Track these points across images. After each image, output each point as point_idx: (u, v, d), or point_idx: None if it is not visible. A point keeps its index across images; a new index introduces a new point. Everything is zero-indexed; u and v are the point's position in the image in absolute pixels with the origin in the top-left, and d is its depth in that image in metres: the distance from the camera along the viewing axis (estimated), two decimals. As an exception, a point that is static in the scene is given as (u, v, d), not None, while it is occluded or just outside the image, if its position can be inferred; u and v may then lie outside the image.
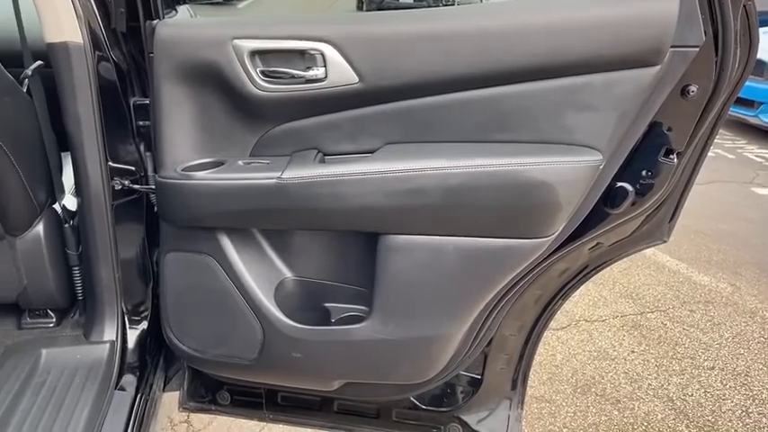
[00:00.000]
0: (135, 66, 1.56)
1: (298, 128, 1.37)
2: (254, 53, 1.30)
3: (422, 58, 1.23)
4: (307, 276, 1.49)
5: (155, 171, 1.45)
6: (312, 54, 1.28)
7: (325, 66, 1.28)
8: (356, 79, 1.27)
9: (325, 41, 1.27)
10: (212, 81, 1.33)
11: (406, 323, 1.39)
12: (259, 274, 1.43)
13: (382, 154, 1.30)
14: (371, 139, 1.33)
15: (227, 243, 1.40)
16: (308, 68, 1.29)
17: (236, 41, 1.29)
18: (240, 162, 1.36)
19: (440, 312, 1.38)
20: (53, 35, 1.39)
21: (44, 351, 1.58)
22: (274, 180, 1.28)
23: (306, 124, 1.37)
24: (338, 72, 1.28)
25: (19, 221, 1.57)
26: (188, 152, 1.40)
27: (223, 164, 1.36)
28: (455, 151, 1.25)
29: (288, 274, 1.48)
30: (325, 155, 1.37)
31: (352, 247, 1.44)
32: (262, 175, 1.30)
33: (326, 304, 1.51)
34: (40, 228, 1.62)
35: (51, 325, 1.74)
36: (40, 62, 1.51)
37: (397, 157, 1.27)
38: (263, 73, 1.31)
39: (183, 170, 1.35)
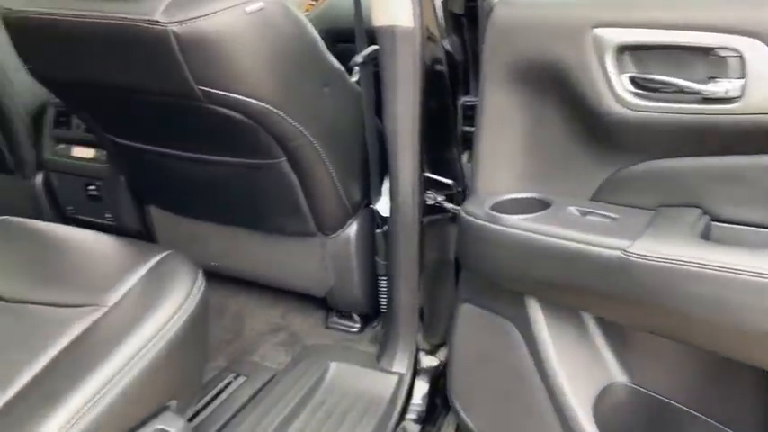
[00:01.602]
0: (473, 58, 1.24)
1: (674, 169, 0.88)
2: (624, 49, 0.84)
3: None
4: (652, 389, 0.99)
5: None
6: (722, 56, 0.76)
7: (743, 77, 0.75)
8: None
9: (751, 35, 0.74)
10: (555, 87, 0.93)
11: None
12: (575, 367, 0.99)
13: None
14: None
15: (536, 313, 1.00)
16: (711, 79, 0.78)
17: (598, 31, 0.85)
18: (573, 209, 0.93)
19: None
20: (381, 16, 1.15)
21: (333, 365, 1.44)
22: (618, 253, 0.82)
23: (689, 166, 0.86)
24: (766, 90, 0.74)
25: (331, 221, 1.44)
26: (506, 179, 1.03)
27: (549, 206, 0.95)
28: None
29: (621, 377, 1.01)
30: (713, 220, 0.85)
31: (734, 369, 0.89)
32: (600, 240, 0.85)
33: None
34: (351, 230, 1.46)
35: (354, 330, 1.62)
36: (374, 47, 1.29)
37: None
38: (634, 81, 0.85)
39: (493, 207, 0.98)
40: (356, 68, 1.31)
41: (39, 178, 1.78)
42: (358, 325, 1.62)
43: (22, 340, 0.95)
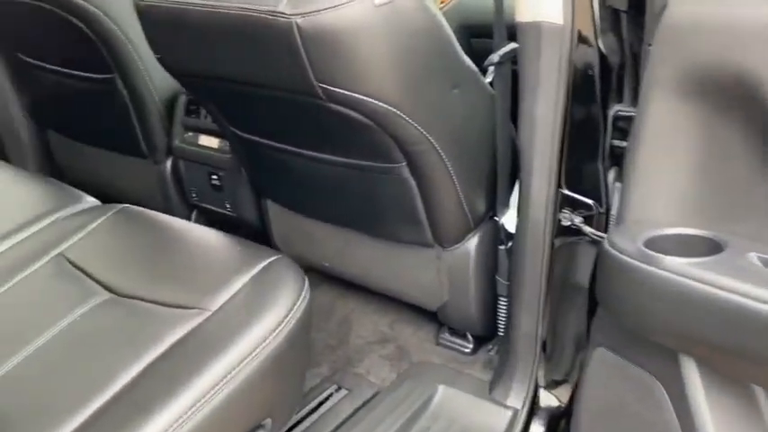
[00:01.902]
0: (632, 61, 1.07)
1: None
2: None
3: None
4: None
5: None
6: None
7: None
8: None
9: None
10: (742, 104, 0.75)
11: None
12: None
13: None
14: None
15: (692, 375, 0.82)
16: None
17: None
18: (755, 257, 0.74)
19: None
20: (525, 11, 1.02)
21: (441, 389, 1.33)
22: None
23: None
24: None
25: (450, 233, 1.32)
26: (666, 209, 0.86)
27: (723, 249, 0.77)
28: None
29: (795, 467, 0.81)
30: None
31: None
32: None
33: None
34: (472, 244, 1.34)
35: (467, 351, 1.49)
36: (514, 45, 1.15)
37: None
38: None
39: (647, 242, 0.82)
40: (491, 68, 1.18)
41: (168, 164, 1.81)
42: (471, 345, 1.50)
43: (126, 340, 0.93)
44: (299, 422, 1.26)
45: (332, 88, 1.01)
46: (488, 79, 1.20)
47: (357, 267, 1.57)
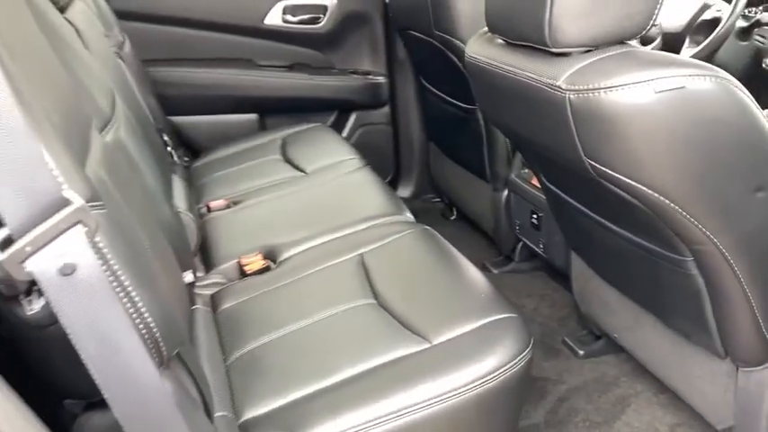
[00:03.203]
0: None
1: None
2: None
3: None
4: None
5: None
6: None
7: None
8: None
9: None
10: None
11: None
12: None
13: None
14: None
15: None
16: None
17: None
18: None
19: None
20: None
21: None
22: None
23: None
24: None
25: (744, 352, 1.11)
26: None
27: None
28: None
29: None
30: None
31: None
32: None
33: None
34: (772, 372, 1.10)
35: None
36: None
37: None
38: None
39: None
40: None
41: (504, 194, 1.93)
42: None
43: (365, 341, 1.09)
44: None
45: (600, 167, 0.97)
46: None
47: (645, 351, 1.43)
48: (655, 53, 0.97)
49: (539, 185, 1.75)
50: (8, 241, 0.60)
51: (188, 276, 1.28)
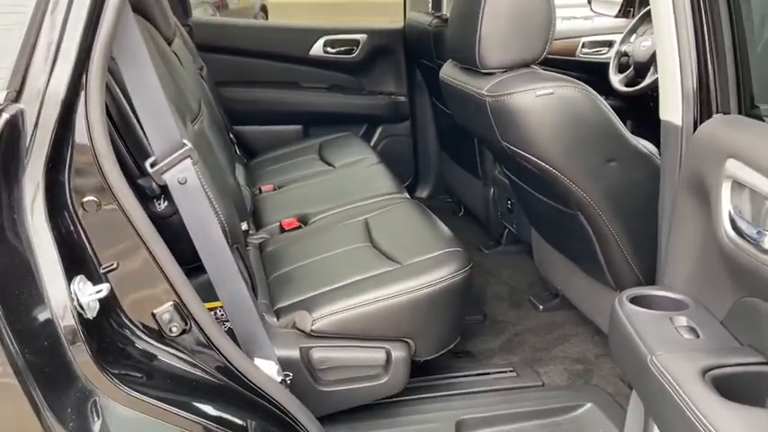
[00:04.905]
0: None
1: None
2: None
3: None
4: None
5: None
6: None
7: None
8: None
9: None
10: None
11: None
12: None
13: None
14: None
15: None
16: None
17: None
18: (684, 320, 0.96)
19: None
20: (663, 111, 1.28)
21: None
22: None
23: None
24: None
25: (623, 280, 1.58)
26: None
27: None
28: None
29: None
30: None
31: None
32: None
33: None
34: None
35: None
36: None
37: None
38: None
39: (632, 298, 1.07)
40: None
41: (492, 189, 2.44)
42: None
43: (355, 265, 1.62)
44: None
45: (512, 147, 1.48)
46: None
47: (578, 296, 1.90)
48: (547, 73, 1.48)
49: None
50: (154, 163, 1.16)
51: (243, 225, 1.84)
